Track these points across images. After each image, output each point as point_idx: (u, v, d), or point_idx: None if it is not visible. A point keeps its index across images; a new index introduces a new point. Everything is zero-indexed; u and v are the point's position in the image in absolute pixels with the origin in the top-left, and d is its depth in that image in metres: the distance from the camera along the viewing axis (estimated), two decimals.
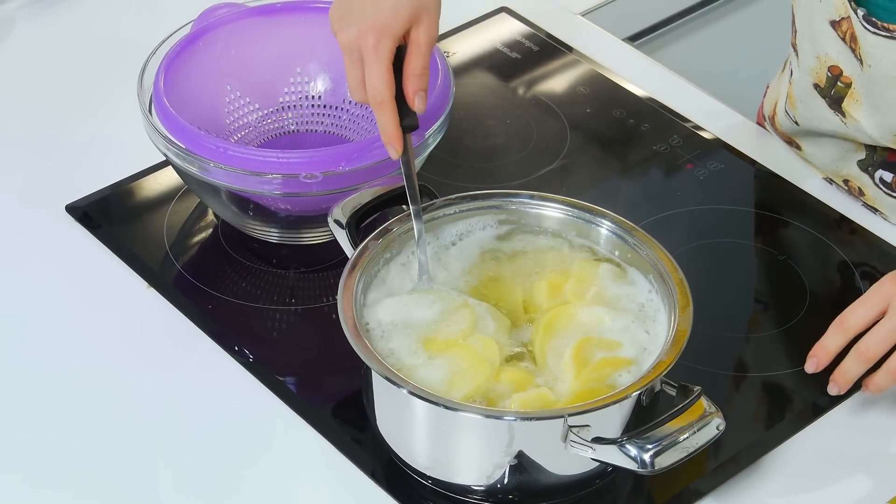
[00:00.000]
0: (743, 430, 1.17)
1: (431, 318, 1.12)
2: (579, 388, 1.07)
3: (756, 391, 1.21)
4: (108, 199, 1.37)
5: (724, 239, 1.35)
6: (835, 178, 1.39)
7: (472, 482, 1.09)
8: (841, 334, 1.17)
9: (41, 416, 1.18)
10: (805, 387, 1.21)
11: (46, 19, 1.59)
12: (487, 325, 1.12)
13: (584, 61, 1.54)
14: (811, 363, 1.17)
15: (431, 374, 1.08)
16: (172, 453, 1.16)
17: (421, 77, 1.15)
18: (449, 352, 1.09)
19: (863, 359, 1.16)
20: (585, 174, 1.41)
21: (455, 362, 1.09)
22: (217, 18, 1.35)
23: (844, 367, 1.16)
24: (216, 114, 1.35)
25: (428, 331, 1.11)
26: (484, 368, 1.08)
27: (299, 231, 1.30)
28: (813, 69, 1.32)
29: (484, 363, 1.09)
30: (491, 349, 1.10)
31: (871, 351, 1.16)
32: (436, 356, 1.09)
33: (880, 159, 1.34)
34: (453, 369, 1.08)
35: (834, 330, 1.17)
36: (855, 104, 1.30)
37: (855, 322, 1.16)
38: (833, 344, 1.17)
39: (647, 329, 1.12)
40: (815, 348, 1.17)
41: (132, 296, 1.27)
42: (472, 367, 1.08)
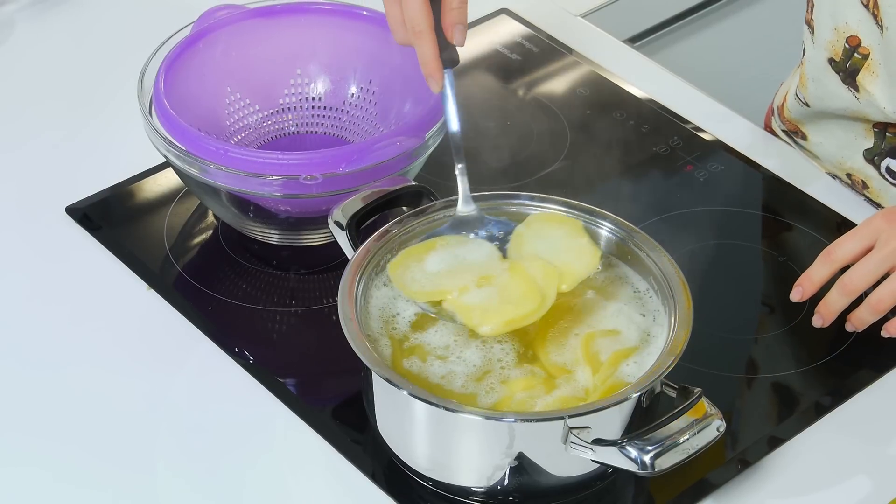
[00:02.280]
0: (744, 432, 1.17)
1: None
2: (601, 384, 1.08)
3: (757, 393, 1.21)
4: (108, 200, 1.37)
5: (725, 241, 1.35)
6: (838, 173, 1.39)
7: (472, 484, 1.09)
8: (827, 265, 1.19)
9: (41, 418, 1.18)
10: (806, 388, 1.21)
11: (46, 21, 1.59)
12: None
13: (584, 63, 1.54)
14: (797, 291, 1.20)
15: (472, 297, 1.09)
16: (172, 455, 1.16)
17: (459, 10, 1.14)
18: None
19: (846, 291, 1.18)
20: (585, 176, 1.41)
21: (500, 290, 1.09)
22: (217, 20, 1.35)
23: (829, 298, 1.19)
24: (216, 115, 1.35)
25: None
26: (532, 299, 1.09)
27: (299, 233, 1.30)
28: (829, 42, 1.32)
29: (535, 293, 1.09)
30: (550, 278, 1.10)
31: (855, 283, 1.18)
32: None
33: (889, 147, 1.34)
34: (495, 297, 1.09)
35: (821, 261, 1.19)
36: (870, 77, 1.29)
37: (842, 254, 1.19)
38: (819, 274, 1.19)
39: (642, 311, 1.12)
40: (801, 278, 1.20)
41: (132, 297, 1.27)
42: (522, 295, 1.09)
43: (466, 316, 1.10)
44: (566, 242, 1.15)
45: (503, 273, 1.13)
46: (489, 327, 1.09)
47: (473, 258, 1.14)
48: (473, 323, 1.09)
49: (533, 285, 1.11)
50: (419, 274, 1.13)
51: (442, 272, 1.13)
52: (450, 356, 1.09)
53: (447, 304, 1.11)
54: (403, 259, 1.14)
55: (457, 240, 1.16)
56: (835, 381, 1.21)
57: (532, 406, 1.07)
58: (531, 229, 1.16)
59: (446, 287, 1.11)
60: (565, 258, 1.14)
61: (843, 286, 1.19)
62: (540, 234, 1.16)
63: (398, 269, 1.14)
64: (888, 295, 1.19)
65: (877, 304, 1.19)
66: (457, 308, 1.10)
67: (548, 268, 1.13)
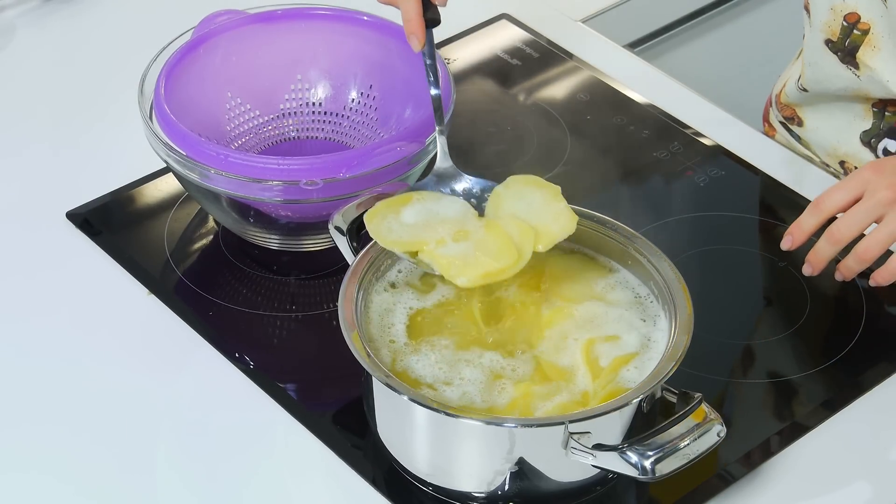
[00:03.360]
0: (744, 437, 1.17)
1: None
2: (601, 390, 1.07)
3: (757, 397, 1.21)
4: (108, 205, 1.37)
5: (725, 245, 1.35)
6: (831, 163, 1.39)
7: (472, 489, 1.09)
8: (816, 215, 1.22)
9: (41, 424, 1.18)
10: (807, 393, 1.21)
11: (47, 26, 1.59)
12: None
13: (584, 68, 1.54)
14: (786, 240, 1.23)
15: (451, 249, 1.10)
16: (173, 460, 1.16)
17: None
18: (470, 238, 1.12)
19: (834, 240, 1.21)
20: (586, 181, 1.41)
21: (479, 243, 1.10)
22: (218, 25, 1.35)
23: (817, 247, 1.22)
24: (217, 120, 1.35)
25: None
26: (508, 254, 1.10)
27: (300, 238, 1.30)
28: (826, 23, 1.32)
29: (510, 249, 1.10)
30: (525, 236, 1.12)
31: (843, 233, 1.20)
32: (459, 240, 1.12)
33: (887, 127, 1.34)
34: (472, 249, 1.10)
35: (810, 210, 1.22)
36: (872, 51, 1.30)
37: (831, 204, 1.21)
38: (808, 224, 1.22)
39: (642, 317, 1.12)
40: (791, 227, 1.23)
41: (133, 303, 1.27)
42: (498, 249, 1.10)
43: (443, 267, 1.11)
44: (544, 205, 1.16)
45: (479, 229, 1.14)
46: (466, 279, 1.10)
47: (449, 213, 1.16)
48: (450, 274, 1.10)
49: (509, 242, 1.12)
50: (396, 225, 1.14)
51: (418, 224, 1.14)
52: (453, 381, 1.09)
53: (423, 255, 1.12)
54: (380, 210, 1.15)
55: (433, 195, 1.17)
56: (835, 386, 1.21)
57: (533, 411, 1.07)
58: (510, 190, 1.17)
59: (423, 238, 1.13)
60: (542, 220, 1.15)
61: (830, 235, 1.21)
62: (518, 196, 1.16)
63: (375, 220, 1.14)
64: (875, 244, 1.21)
65: (863, 253, 1.21)
66: (433, 259, 1.12)
67: (524, 227, 1.14)
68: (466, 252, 1.12)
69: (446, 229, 1.14)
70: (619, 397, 1.05)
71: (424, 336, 1.12)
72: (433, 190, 1.19)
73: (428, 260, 1.12)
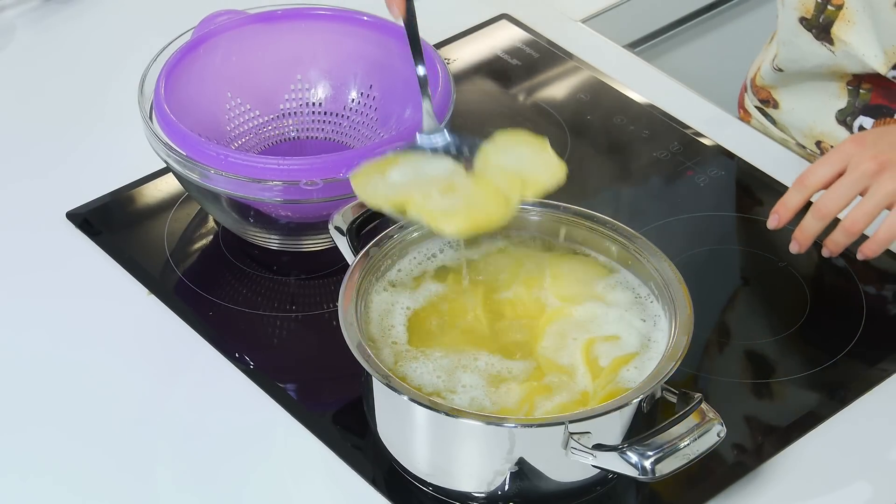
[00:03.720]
0: (744, 437, 1.17)
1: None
2: (601, 390, 1.07)
3: (757, 398, 1.21)
4: (108, 205, 1.37)
5: (725, 245, 1.35)
6: (808, 143, 1.40)
7: (472, 489, 1.09)
8: (801, 191, 1.22)
9: (40, 424, 1.18)
10: (807, 393, 1.21)
11: (47, 27, 1.59)
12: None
13: (584, 68, 1.54)
14: (773, 219, 1.23)
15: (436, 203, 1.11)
16: (173, 460, 1.16)
17: None
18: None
19: (820, 215, 1.21)
20: (586, 181, 1.41)
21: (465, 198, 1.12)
22: (217, 25, 1.35)
23: (804, 224, 1.22)
24: (217, 121, 1.35)
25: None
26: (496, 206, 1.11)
27: (300, 238, 1.30)
28: (800, 0, 1.33)
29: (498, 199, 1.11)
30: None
31: (828, 207, 1.21)
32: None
33: (862, 104, 1.35)
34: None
35: (795, 187, 1.22)
36: (846, 25, 1.30)
37: (815, 180, 1.21)
38: (793, 201, 1.22)
39: (642, 317, 1.12)
40: (776, 205, 1.23)
41: (133, 303, 1.27)
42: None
43: (431, 218, 1.11)
44: (532, 156, 1.17)
45: (467, 183, 1.15)
46: (453, 227, 1.11)
47: (436, 171, 1.16)
48: (438, 224, 1.11)
49: (497, 192, 1.13)
50: (382, 184, 1.15)
51: (405, 182, 1.15)
52: (457, 389, 1.09)
53: (411, 210, 1.12)
54: (365, 171, 1.16)
55: (419, 155, 1.18)
56: (836, 386, 1.21)
57: (533, 411, 1.07)
58: (497, 146, 1.17)
59: (410, 194, 1.13)
60: (531, 170, 1.15)
61: (816, 210, 1.22)
62: (505, 150, 1.17)
63: (360, 180, 1.15)
64: (861, 216, 1.21)
65: (851, 226, 1.21)
66: (421, 212, 1.12)
67: (512, 177, 1.14)
68: (454, 203, 1.12)
69: (433, 185, 1.14)
70: (619, 397, 1.05)
71: (425, 338, 1.12)
72: (419, 150, 1.19)
73: (416, 214, 1.12)
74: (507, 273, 1.17)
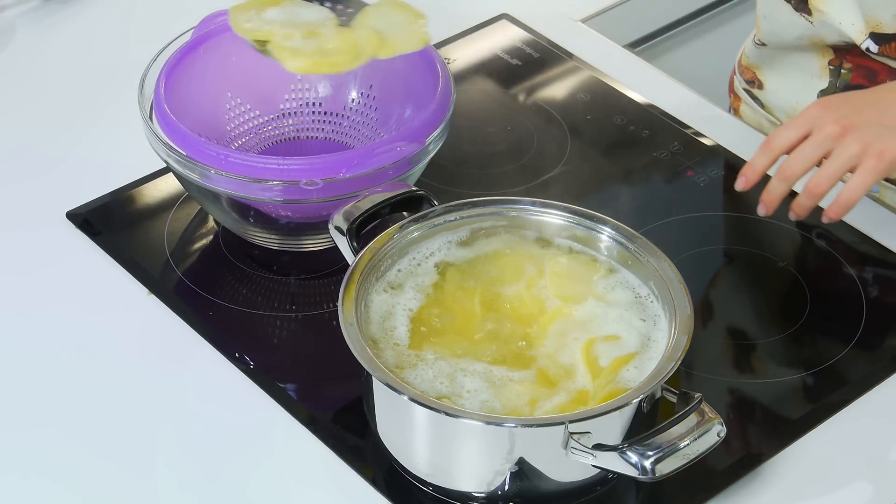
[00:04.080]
0: (744, 437, 1.17)
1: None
2: (601, 390, 1.07)
3: (757, 398, 1.21)
4: (108, 205, 1.37)
5: (725, 245, 1.35)
6: None
7: (472, 489, 1.09)
8: (767, 153, 1.24)
9: (40, 424, 1.18)
10: (807, 393, 1.21)
11: (47, 27, 1.59)
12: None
13: (584, 68, 1.54)
14: (740, 181, 1.25)
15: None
16: (173, 460, 1.16)
17: None
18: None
19: (784, 176, 1.23)
20: (586, 181, 1.41)
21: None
22: (217, 25, 1.35)
23: (770, 186, 1.24)
24: (217, 121, 1.35)
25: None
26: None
27: (300, 238, 1.30)
28: None
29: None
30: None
31: (793, 169, 1.23)
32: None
33: (843, 84, 1.36)
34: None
35: (761, 150, 1.24)
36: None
37: (780, 142, 1.23)
38: (760, 163, 1.24)
39: (642, 317, 1.12)
40: (744, 167, 1.25)
41: (133, 303, 1.27)
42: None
43: (281, 53, 1.22)
44: (403, 24, 1.26)
45: (332, 33, 1.24)
46: (296, 65, 1.22)
47: (310, 18, 1.26)
48: (284, 59, 1.22)
49: (352, 44, 1.23)
50: (256, 18, 1.25)
51: (277, 21, 1.25)
52: (463, 394, 1.09)
53: (270, 46, 1.23)
54: (246, 5, 1.26)
55: (303, 3, 1.28)
56: (835, 386, 1.21)
57: (533, 411, 1.07)
58: (379, 9, 1.27)
59: (274, 31, 1.23)
60: (394, 35, 1.25)
61: (781, 172, 1.23)
62: (384, 15, 1.26)
63: (238, 11, 1.26)
64: (824, 178, 1.22)
65: (814, 188, 1.23)
66: (276, 48, 1.22)
67: (371, 34, 1.24)
68: (307, 46, 1.22)
69: (300, 28, 1.24)
70: (619, 397, 1.05)
71: (427, 339, 1.11)
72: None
73: (272, 50, 1.22)
74: (507, 273, 1.17)
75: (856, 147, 1.21)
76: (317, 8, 1.27)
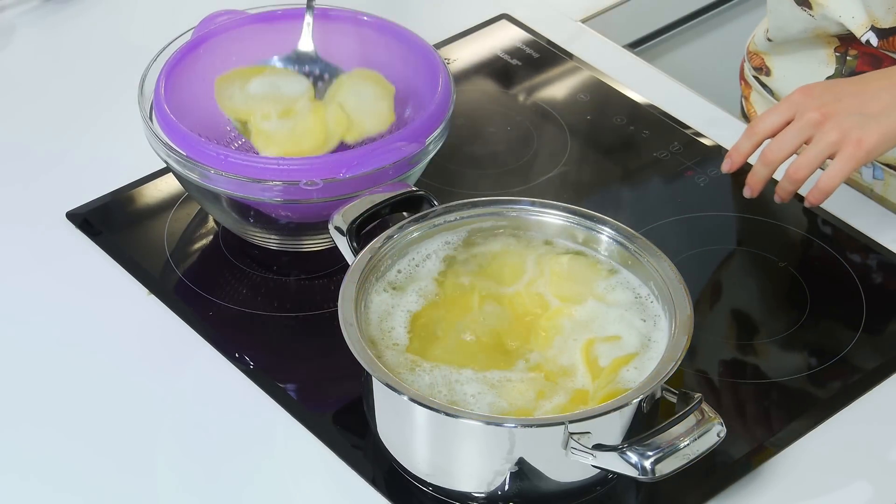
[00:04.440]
0: (744, 438, 1.17)
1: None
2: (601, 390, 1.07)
3: (757, 398, 1.21)
4: (108, 205, 1.37)
5: (725, 246, 1.35)
6: None
7: (472, 489, 1.09)
8: (751, 137, 1.27)
9: (39, 424, 1.18)
10: (807, 393, 1.21)
11: (47, 27, 1.59)
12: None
13: (584, 68, 1.54)
14: (726, 163, 1.29)
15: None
16: (173, 460, 1.16)
17: None
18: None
19: (767, 161, 1.26)
20: (586, 181, 1.41)
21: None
22: (218, 25, 1.35)
23: (754, 169, 1.27)
24: (217, 121, 1.35)
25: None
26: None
27: (300, 238, 1.30)
28: None
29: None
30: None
31: (774, 154, 1.26)
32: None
33: (849, 71, 1.39)
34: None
35: (746, 134, 1.28)
36: None
37: (763, 127, 1.27)
38: (744, 146, 1.28)
39: (642, 317, 1.12)
40: (730, 150, 1.28)
41: (132, 303, 1.27)
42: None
43: (256, 139, 1.28)
44: (371, 102, 1.31)
45: (306, 111, 1.29)
46: (270, 151, 1.27)
47: (289, 91, 1.31)
48: (259, 147, 1.28)
49: (322, 128, 1.28)
50: (239, 93, 1.31)
51: (258, 96, 1.31)
52: (468, 401, 1.08)
53: (250, 126, 1.29)
54: (232, 76, 1.32)
55: (283, 72, 1.33)
56: (835, 387, 1.21)
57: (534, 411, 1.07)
58: (350, 81, 1.32)
59: (253, 110, 1.29)
60: (362, 115, 1.30)
61: (764, 157, 1.26)
62: (354, 87, 1.31)
63: (223, 85, 1.31)
64: (804, 164, 1.25)
65: (794, 173, 1.25)
66: (254, 132, 1.29)
67: (341, 117, 1.29)
68: (281, 130, 1.28)
69: (278, 106, 1.29)
70: (619, 397, 1.05)
71: (426, 341, 1.11)
72: (287, 66, 1.34)
73: (251, 131, 1.29)
74: (507, 273, 1.17)
75: (834, 134, 1.23)
76: (297, 78, 1.33)
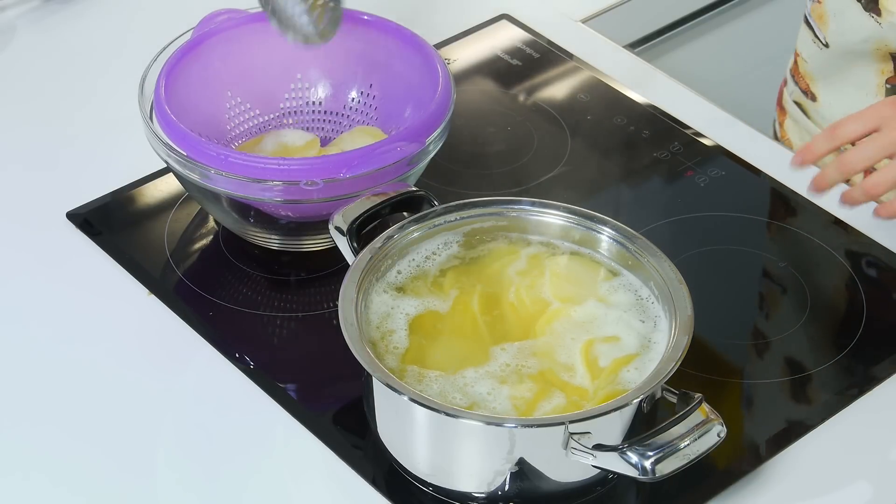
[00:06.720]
0: (744, 438, 1.17)
1: None
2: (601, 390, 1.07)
3: (757, 398, 1.21)
4: (109, 206, 1.37)
5: (725, 246, 1.35)
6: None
7: (472, 489, 1.09)
8: (830, 140, 1.22)
9: (40, 424, 1.18)
10: (807, 394, 1.21)
11: (47, 27, 1.59)
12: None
13: (584, 68, 1.54)
14: (797, 158, 1.24)
15: None
16: (173, 460, 1.16)
17: None
18: None
19: (843, 168, 1.21)
20: (586, 181, 1.41)
21: None
22: (217, 25, 1.35)
23: (825, 171, 1.22)
24: (217, 120, 1.35)
25: None
26: None
27: (300, 238, 1.30)
28: None
29: None
30: None
31: (853, 163, 1.21)
32: None
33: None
34: None
35: (824, 135, 1.22)
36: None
37: (845, 133, 1.22)
38: (820, 147, 1.23)
39: (642, 318, 1.12)
40: (803, 147, 1.23)
41: (133, 303, 1.27)
42: None
43: None
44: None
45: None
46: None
47: (294, 142, 1.34)
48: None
49: None
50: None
51: (265, 152, 1.33)
52: (486, 399, 1.08)
53: None
54: (250, 145, 1.35)
55: (292, 132, 1.36)
56: (835, 386, 1.21)
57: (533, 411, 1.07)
58: (351, 136, 1.33)
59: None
60: None
61: (840, 163, 1.22)
62: (354, 144, 1.31)
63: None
64: (884, 181, 1.21)
65: (871, 189, 1.21)
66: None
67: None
68: None
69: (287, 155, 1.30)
70: (619, 397, 1.05)
71: (426, 341, 1.11)
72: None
73: None
74: (506, 273, 1.17)
75: None
76: (302, 135, 1.36)
